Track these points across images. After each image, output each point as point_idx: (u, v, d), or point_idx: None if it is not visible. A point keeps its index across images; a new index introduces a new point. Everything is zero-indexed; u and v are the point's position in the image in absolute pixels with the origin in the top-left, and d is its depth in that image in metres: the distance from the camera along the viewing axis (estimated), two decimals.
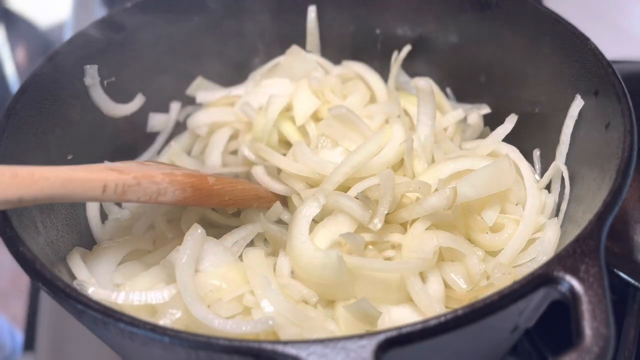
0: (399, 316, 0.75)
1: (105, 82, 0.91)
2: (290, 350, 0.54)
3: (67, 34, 1.57)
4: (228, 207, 0.85)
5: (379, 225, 0.76)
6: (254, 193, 0.86)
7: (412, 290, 0.74)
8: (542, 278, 0.58)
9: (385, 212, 0.77)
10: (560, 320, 0.66)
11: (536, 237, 0.79)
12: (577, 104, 0.81)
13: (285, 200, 0.89)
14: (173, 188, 0.74)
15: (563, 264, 0.58)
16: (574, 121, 0.82)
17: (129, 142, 0.96)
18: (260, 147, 0.90)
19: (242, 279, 0.74)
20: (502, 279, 0.73)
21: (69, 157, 0.85)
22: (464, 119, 0.96)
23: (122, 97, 0.95)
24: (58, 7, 1.72)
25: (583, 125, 0.81)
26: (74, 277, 0.74)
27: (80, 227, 0.85)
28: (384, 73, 1.03)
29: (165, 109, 1.02)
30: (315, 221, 0.79)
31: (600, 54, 0.78)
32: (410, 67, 1.02)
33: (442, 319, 0.55)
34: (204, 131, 1.00)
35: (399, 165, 0.87)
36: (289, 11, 1.03)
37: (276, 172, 0.91)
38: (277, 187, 0.88)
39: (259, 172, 0.90)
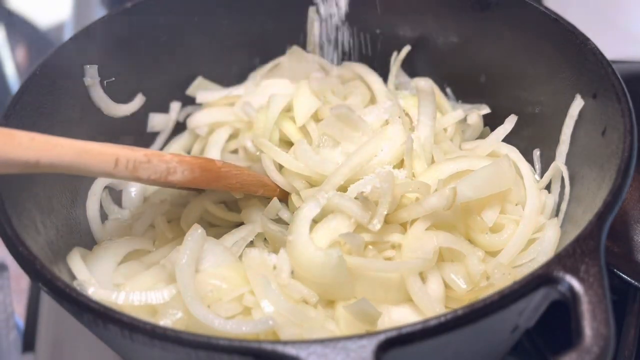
0: (399, 316, 0.75)
1: (105, 82, 0.91)
2: (290, 350, 0.54)
3: (67, 34, 1.57)
4: (235, 192, 0.86)
5: (379, 226, 0.76)
6: (259, 179, 0.87)
7: (412, 290, 0.74)
8: (542, 278, 0.58)
9: (385, 212, 0.77)
10: (560, 320, 0.66)
11: (536, 237, 0.79)
12: (577, 104, 0.81)
13: (287, 195, 0.89)
14: (182, 168, 0.75)
15: (563, 264, 0.58)
16: (574, 121, 0.82)
17: (129, 142, 0.96)
18: (262, 142, 0.90)
19: (242, 279, 0.74)
20: (502, 279, 0.73)
21: None
22: (464, 119, 0.96)
23: (122, 97, 0.95)
24: (58, 7, 1.72)
25: (583, 125, 0.81)
26: (74, 277, 0.74)
27: (80, 227, 0.85)
28: (384, 73, 1.03)
29: (165, 109, 1.02)
30: (315, 221, 0.79)
31: (600, 54, 0.78)
32: (410, 67, 1.03)
33: (442, 319, 0.55)
34: (204, 131, 1.00)
35: (398, 165, 0.87)
36: (289, 11, 1.03)
37: (278, 168, 0.91)
38: (282, 180, 0.88)
39: (267, 162, 0.89)
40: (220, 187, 0.83)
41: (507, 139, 0.89)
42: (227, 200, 0.90)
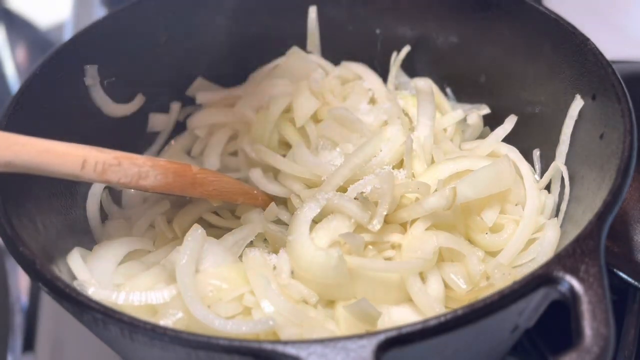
0: (399, 316, 0.75)
1: (105, 82, 0.91)
2: (290, 350, 0.54)
3: (67, 34, 1.57)
4: (213, 200, 0.84)
5: (378, 227, 0.76)
6: (239, 187, 0.86)
7: (412, 290, 0.74)
8: (542, 278, 0.58)
9: (385, 212, 0.77)
10: (560, 320, 0.66)
11: (536, 237, 0.79)
12: (577, 104, 0.81)
13: (278, 202, 0.89)
14: (155, 172, 0.73)
15: (563, 264, 0.58)
16: (573, 121, 0.82)
17: (129, 142, 0.96)
18: (260, 148, 0.90)
19: (242, 279, 0.74)
20: (502, 280, 0.73)
21: None
22: (464, 120, 0.96)
23: (122, 97, 0.95)
24: (58, 7, 1.72)
25: (583, 125, 0.81)
26: (74, 277, 0.74)
27: (80, 227, 0.85)
28: (383, 73, 1.03)
29: (165, 109, 1.02)
30: (315, 221, 0.79)
31: (600, 54, 0.78)
32: (410, 67, 1.03)
33: (442, 319, 0.55)
34: (204, 132, 1.00)
35: (398, 166, 0.87)
36: (289, 11, 1.03)
37: (274, 173, 0.91)
38: (274, 189, 0.88)
39: (256, 175, 0.90)
40: (196, 193, 0.80)
41: (507, 139, 0.89)
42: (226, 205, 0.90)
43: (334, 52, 1.05)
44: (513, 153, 0.87)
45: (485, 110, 0.96)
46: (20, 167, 0.63)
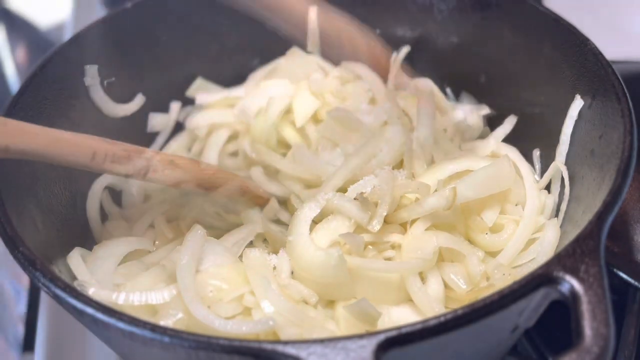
0: (399, 316, 0.75)
1: (105, 82, 0.91)
2: (290, 350, 0.54)
3: (67, 34, 1.57)
4: (217, 195, 0.85)
5: (378, 227, 0.76)
6: (242, 185, 0.86)
7: (412, 290, 0.74)
8: (542, 278, 0.58)
9: (385, 213, 0.77)
10: (560, 320, 0.66)
11: (536, 237, 0.79)
12: (577, 104, 0.81)
13: (278, 202, 0.89)
14: (163, 166, 0.75)
15: (563, 264, 0.58)
16: (573, 121, 0.82)
17: (129, 142, 0.96)
18: (259, 148, 0.91)
19: (242, 280, 0.74)
20: (502, 280, 0.73)
21: None
22: (464, 120, 0.96)
23: (122, 97, 0.95)
24: (58, 7, 1.72)
25: (583, 125, 0.81)
26: (74, 277, 0.74)
27: (80, 227, 0.85)
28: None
29: (165, 109, 1.02)
30: (315, 222, 0.79)
31: (600, 54, 0.78)
32: (410, 67, 1.02)
33: (442, 319, 0.55)
34: (203, 132, 1.00)
35: (398, 166, 0.87)
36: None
37: (274, 173, 0.91)
38: (274, 189, 0.88)
39: (257, 174, 0.90)
40: (201, 189, 0.82)
41: (507, 139, 0.89)
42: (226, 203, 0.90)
43: (333, 53, 1.05)
44: (513, 153, 0.87)
45: (485, 110, 0.96)
46: (32, 155, 0.65)
